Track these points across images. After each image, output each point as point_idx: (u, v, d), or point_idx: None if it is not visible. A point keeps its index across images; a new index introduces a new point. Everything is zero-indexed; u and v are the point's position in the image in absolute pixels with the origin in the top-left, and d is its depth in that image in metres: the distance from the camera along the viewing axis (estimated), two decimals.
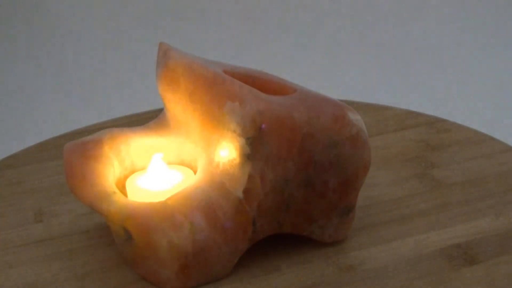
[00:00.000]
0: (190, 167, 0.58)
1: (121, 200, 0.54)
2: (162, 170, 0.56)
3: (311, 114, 0.54)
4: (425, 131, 0.75)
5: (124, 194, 0.57)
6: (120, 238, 0.55)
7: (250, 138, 0.52)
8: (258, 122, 0.52)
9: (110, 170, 0.56)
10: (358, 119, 0.55)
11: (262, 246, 0.57)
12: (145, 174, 0.57)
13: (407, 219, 0.60)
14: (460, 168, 0.68)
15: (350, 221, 0.57)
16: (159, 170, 0.56)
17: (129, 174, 0.58)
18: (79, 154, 0.56)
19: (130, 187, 0.56)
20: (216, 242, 0.52)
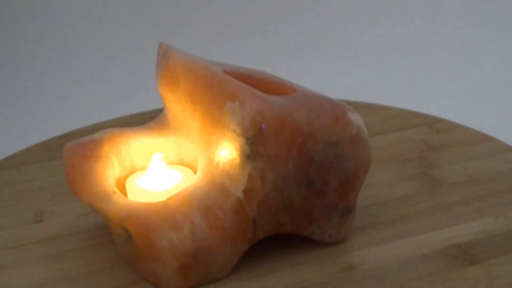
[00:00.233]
0: (190, 167, 0.58)
1: (121, 200, 0.54)
2: (162, 170, 0.56)
3: (311, 114, 0.54)
4: (425, 131, 0.75)
5: (124, 194, 0.57)
6: (120, 238, 0.55)
7: (250, 138, 0.52)
8: (258, 122, 0.52)
9: (110, 170, 0.56)
10: (358, 119, 0.55)
11: (262, 246, 0.57)
12: (145, 174, 0.57)
13: (407, 219, 0.60)
14: (460, 168, 0.68)
15: (350, 221, 0.57)
16: (159, 170, 0.56)
17: (129, 174, 0.58)
18: (79, 154, 0.56)
19: (130, 187, 0.56)
20: (216, 242, 0.52)
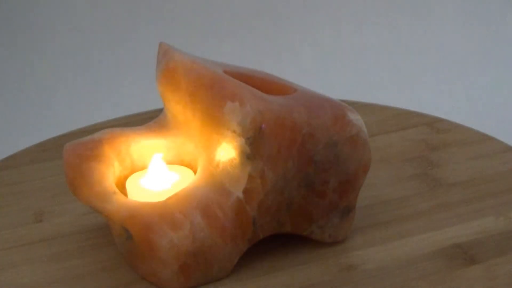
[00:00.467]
0: (190, 167, 0.58)
1: (121, 200, 0.54)
2: (162, 170, 0.56)
3: (311, 114, 0.54)
4: (425, 131, 0.75)
5: (124, 194, 0.57)
6: (120, 238, 0.55)
7: (250, 138, 0.52)
8: (258, 122, 0.52)
9: (110, 170, 0.56)
10: (358, 119, 0.55)
11: (262, 246, 0.57)
12: (145, 174, 0.57)
13: (407, 219, 0.60)
14: (460, 168, 0.68)
15: (350, 221, 0.57)
16: (159, 170, 0.56)
17: (129, 174, 0.58)
18: (79, 154, 0.56)
19: (130, 187, 0.56)
20: (216, 242, 0.52)
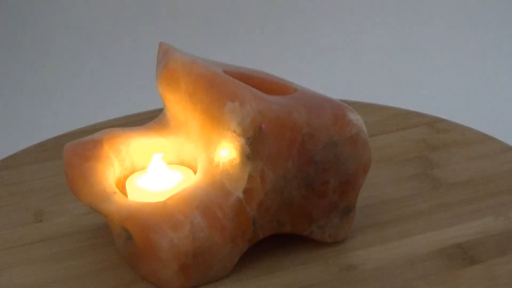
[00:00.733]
0: (190, 167, 0.58)
1: (121, 200, 0.54)
2: (162, 170, 0.56)
3: (311, 114, 0.54)
4: (425, 131, 0.75)
5: (124, 194, 0.57)
6: (120, 238, 0.55)
7: (250, 138, 0.52)
8: (258, 122, 0.52)
9: (110, 170, 0.56)
10: (358, 119, 0.55)
11: (262, 246, 0.57)
12: (145, 174, 0.57)
13: (407, 219, 0.60)
14: (460, 168, 0.68)
15: (350, 221, 0.57)
16: (159, 170, 0.56)
17: (129, 174, 0.58)
18: (79, 154, 0.56)
19: (130, 187, 0.56)
20: (216, 242, 0.52)
